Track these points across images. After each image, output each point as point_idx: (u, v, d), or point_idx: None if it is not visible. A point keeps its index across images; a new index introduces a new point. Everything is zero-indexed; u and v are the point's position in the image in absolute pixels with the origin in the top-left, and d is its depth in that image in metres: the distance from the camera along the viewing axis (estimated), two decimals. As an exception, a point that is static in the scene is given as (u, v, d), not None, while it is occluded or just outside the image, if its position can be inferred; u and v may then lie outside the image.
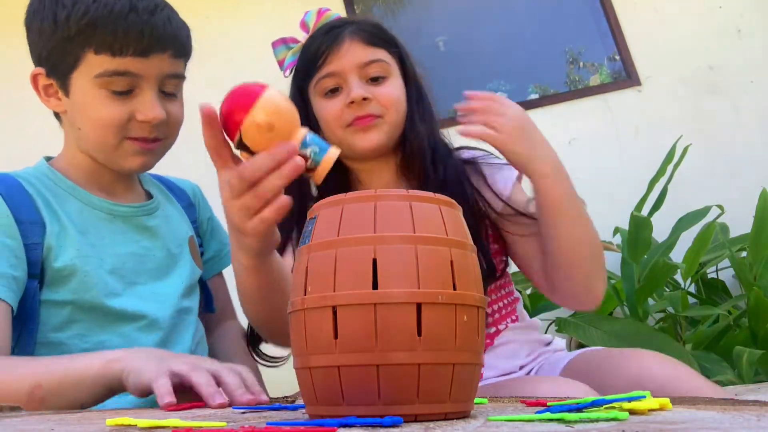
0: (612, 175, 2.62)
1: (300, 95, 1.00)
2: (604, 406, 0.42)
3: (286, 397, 0.74)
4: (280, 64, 1.04)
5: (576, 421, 0.37)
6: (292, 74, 1.02)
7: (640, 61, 2.86)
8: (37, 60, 0.93)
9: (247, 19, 2.88)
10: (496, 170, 1.02)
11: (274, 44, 1.04)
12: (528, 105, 2.72)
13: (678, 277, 2.21)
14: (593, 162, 2.57)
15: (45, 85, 0.93)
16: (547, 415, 0.39)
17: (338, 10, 1.07)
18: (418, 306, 0.40)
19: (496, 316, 0.99)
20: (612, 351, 0.91)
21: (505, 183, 1.01)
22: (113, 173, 0.97)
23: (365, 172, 1.02)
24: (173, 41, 0.89)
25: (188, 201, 1.13)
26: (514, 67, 2.95)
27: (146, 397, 0.68)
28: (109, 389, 0.73)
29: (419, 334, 0.40)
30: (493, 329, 0.98)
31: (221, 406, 0.62)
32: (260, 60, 2.85)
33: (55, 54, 0.89)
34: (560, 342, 1.06)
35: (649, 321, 1.99)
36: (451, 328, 0.41)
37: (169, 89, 0.93)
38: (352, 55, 0.95)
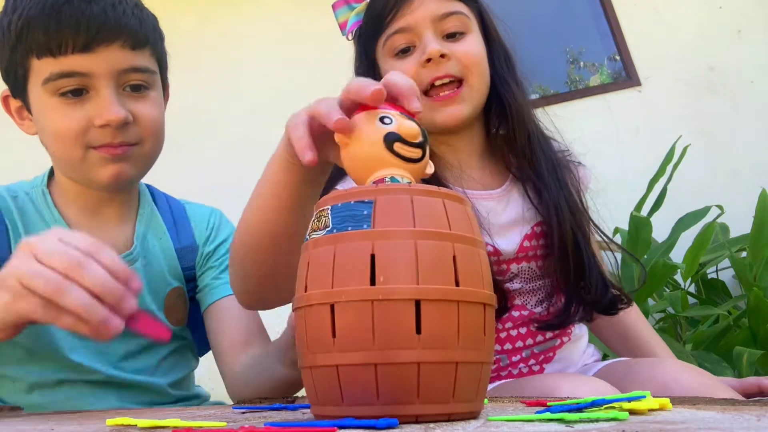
0: (612, 175, 2.62)
1: (366, 59, 0.89)
2: (604, 406, 0.42)
3: (286, 397, 0.74)
4: (342, 26, 0.92)
5: (576, 421, 0.37)
6: (357, 37, 0.91)
7: (640, 61, 2.87)
8: (3, 81, 0.84)
9: (247, 18, 2.88)
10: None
11: (335, 6, 0.91)
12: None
13: (678, 277, 2.21)
14: (593, 162, 2.56)
15: (17, 107, 0.85)
16: (547, 415, 0.38)
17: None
18: (417, 303, 0.39)
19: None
20: (639, 360, 0.87)
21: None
22: (98, 194, 0.87)
23: (444, 145, 0.88)
24: (120, 30, 0.77)
25: (191, 242, 0.96)
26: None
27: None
28: None
29: (418, 331, 0.39)
30: (558, 341, 0.91)
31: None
32: (260, 60, 2.86)
33: (9, 69, 0.80)
34: (597, 352, 1.00)
35: (650, 321, 1.98)
36: (453, 326, 0.40)
37: (135, 84, 0.81)
38: (426, 7, 0.84)
